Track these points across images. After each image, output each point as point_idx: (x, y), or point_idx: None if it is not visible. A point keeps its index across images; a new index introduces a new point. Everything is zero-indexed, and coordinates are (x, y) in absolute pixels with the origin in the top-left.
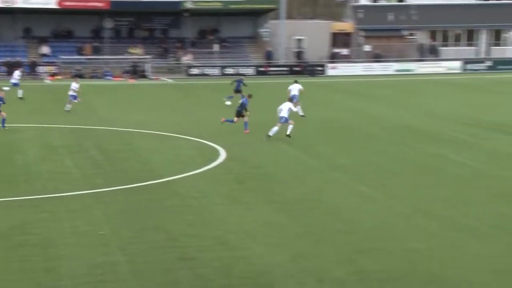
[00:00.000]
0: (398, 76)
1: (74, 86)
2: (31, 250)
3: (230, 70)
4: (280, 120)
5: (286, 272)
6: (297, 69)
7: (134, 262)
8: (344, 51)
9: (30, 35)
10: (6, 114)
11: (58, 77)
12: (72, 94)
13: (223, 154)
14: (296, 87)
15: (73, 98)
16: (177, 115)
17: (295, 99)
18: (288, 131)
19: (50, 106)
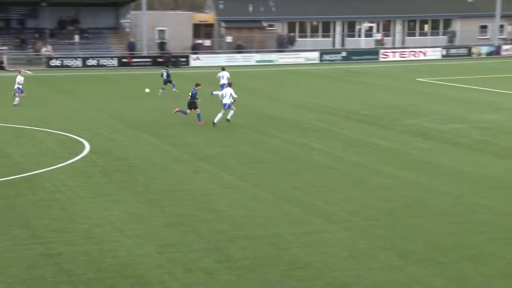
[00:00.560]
0: (259, 66)
1: (19, 79)
2: None
3: (92, 62)
4: (224, 106)
5: (154, 262)
6: (160, 60)
7: None
8: (206, 42)
9: None
10: None
11: None
12: (18, 87)
13: (87, 147)
14: (225, 74)
15: (19, 91)
16: (39, 108)
17: (224, 86)
18: (228, 116)
19: None
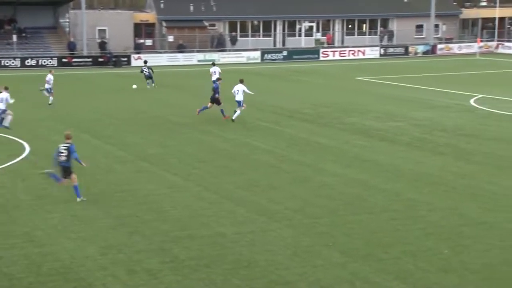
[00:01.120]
0: (201, 66)
1: (49, 77)
2: None
3: (31, 62)
4: (238, 104)
5: (97, 265)
6: (101, 60)
7: None
8: (148, 42)
9: None
10: None
11: None
12: (49, 87)
13: (28, 149)
14: (217, 69)
15: (51, 91)
16: None
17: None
18: (234, 116)
19: None
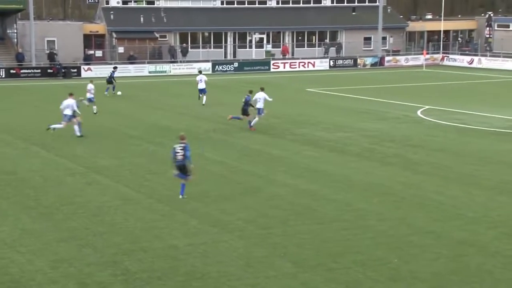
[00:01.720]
0: (152, 77)
1: (90, 87)
2: None
3: None
4: (258, 112)
5: (48, 278)
6: (50, 71)
7: None
8: (98, 53)
9: None
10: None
11: None
12: (91, 96)
13: None
14: (203, 78)
15: (92, 99)
16: None
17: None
18: (252, 123)
19: None
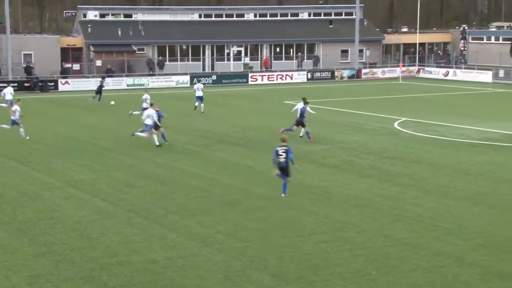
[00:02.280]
0: (130, 90)
1: (146, 96)
2: None
3: None
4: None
5: None
6: (27, 84)
7: None
8: (75, 66)
9: None
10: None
11: None
12: (146, 106)
13: None
14: (200, 86)
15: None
16: None
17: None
18: (294, 129)
19: None
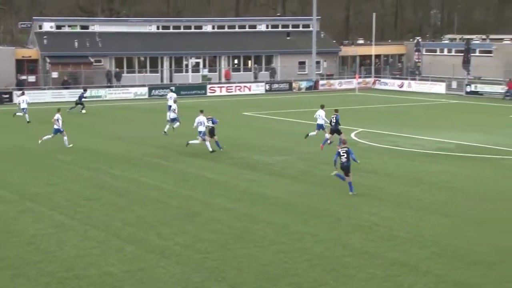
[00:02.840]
0: (88, 102)
1: (174, 106)
2: None
3: None
4: (316, 127)
5: None
6: None
7: None
8: (31, 78)
9: None
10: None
11: None
12: (174, 116)
13: None
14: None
15: (176, 119)
16: None
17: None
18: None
19: None
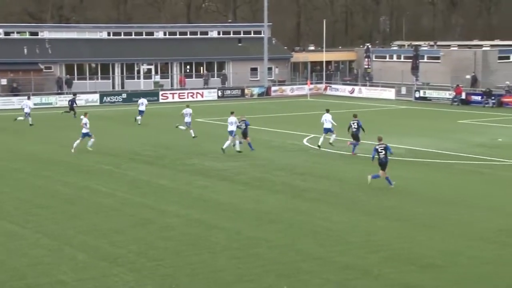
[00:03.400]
0: (38, 109)
1: (187, 111)
2: None
3: None
4: (324, 131)
5: None
6: None
7: None
8: None
9: None
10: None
11: None
12: (188, 121)
13: None
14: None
15: (188, 124)
16: None
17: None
18: (331, 140)
19: None
